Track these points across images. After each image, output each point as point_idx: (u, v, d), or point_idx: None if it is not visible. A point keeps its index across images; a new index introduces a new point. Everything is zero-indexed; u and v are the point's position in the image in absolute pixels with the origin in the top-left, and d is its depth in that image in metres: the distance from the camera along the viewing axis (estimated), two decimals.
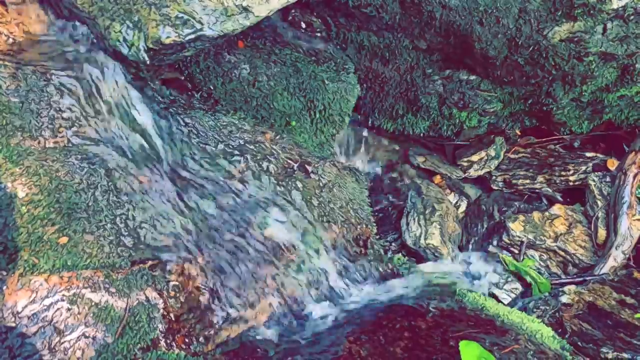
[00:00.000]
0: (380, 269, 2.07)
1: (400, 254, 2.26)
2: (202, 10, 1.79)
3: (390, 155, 2.73)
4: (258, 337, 1.74)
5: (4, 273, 1.51)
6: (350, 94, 2.38)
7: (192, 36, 1.80)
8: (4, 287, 1.49)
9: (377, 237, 2.22)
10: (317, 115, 2.31)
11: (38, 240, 1.58)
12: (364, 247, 2.10)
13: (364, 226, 2.14)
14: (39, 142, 1.72)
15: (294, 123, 2.27)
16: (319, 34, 2.49)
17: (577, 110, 2.42)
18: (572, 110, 2.42)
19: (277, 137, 2.16)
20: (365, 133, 2.71)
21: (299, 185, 2.05)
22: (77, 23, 1.91)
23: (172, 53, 1.83)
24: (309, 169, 2.12)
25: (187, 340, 1.65)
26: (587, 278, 2.13)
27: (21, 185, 1.62)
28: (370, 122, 2.64)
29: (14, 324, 1.47)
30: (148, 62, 1.81)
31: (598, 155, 2.46)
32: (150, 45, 1.78)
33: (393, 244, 2.35)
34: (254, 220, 1.90)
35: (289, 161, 2.10)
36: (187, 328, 1.66)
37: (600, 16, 2.10)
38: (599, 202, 2.27)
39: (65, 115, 1.79)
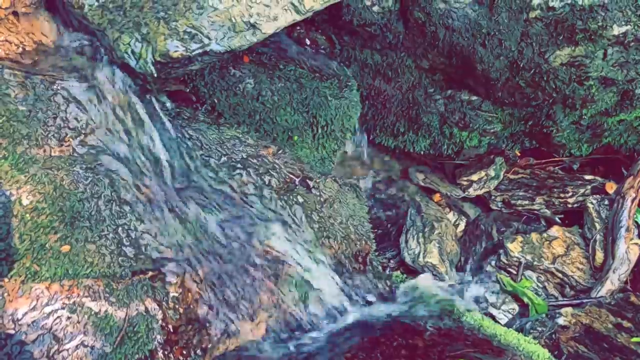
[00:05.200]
0: (379, 286, 2.08)
1: (398, 272, 2.27)
2: (210, 26, 1.82)
3: (391, 172, 2.75)
4: (255, 352, 1.75)
5: (6, 280, 1.52)
6: (353, 111, 2.40)
7: (200, 51, 1.82)
8: (5, 294, 1.50)
9: (376, 253, 2.22)
10: (320, 131, 2.33)
11: (40, 248, 1.59)
12: (363, 264, 2.11)
13: (364, 242, 2.14)
14: (44, 151, 1.73)
15: (296, 138, 2.29)
16: (323, 51, 2.52)
17: (577, 133, 2.44)
18: (572, 133, 2.44)
19: (280, 152, 2.18)
20: (366, 149, 2.73)
21: (300, 200, 2.07)
22: (87, 34, 1.93)
23: (179, 67, 1.86)
24: (310, 184, 2.13)
25: (184, 352, 1.65)
26: (584, 300, 2.14)
27: (26, 192, 1.63)
28: (371, 138, 2.66)
29: (13, 331, 1.47)
30: (155, 75, 1.83)
31: (597, 178, 2.48)
32: (158, 59, 1.80)
33: (392, 261, 2.36)
34: (255, 233, 1.91)
35: (290, 176, 2.12)
36: (185, 340, 1.66)
37: (601, 42, 2.14)
38: (597, 225, 2.29)
39: (71, 124, 1.80)
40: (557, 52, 2.18)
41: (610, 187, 2.38)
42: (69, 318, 1.53)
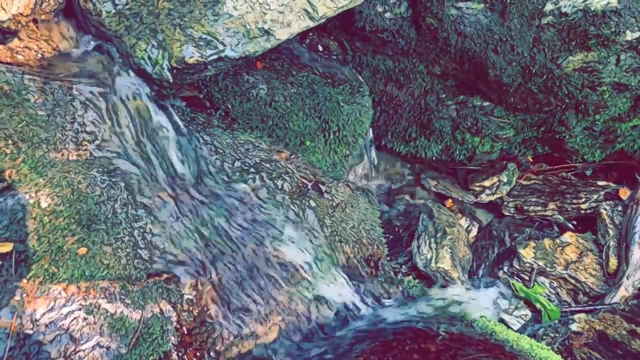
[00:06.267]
0: (391, 290, 2.08)
1: (410, 277, 2.27)
2: (225, 32, 1.85)
3: (403, 177, 2.75)
4: (268, 354, 1.76)
5: (25, 281, 1.54)
6: (365, 116, 2.41)
7: (215, 57, 1.84)
8: (24, 295, 1.53)
9: (388, 258, 2.23)
10: (332, 136, 2.34)
11: (58, 250, 1.62)
12: (375, 268, 2.11)
13: (375, 247, 2.15)
14: (62, 155, 1.76)
15: (308, 143, 2.30)
16: (335, 57, 2.54)
17: (590, 138, 2.43)
18: (585, 139, 2.44)
19: (292, 156, 2.19)
20: (378, 155, 2.74)
21: (313, 204, 2.08)
22: (104, 41, 1.97)
23: (194, 72, 1.88)
24: (323, 188, 2.15)
25: (198, 354, 1.67)
26: (598, 307, 2.13)
27: (44, 195, 1.67)
28: (383, 144, 2.67)
29: (31, 331, 1.50)
30: (171, 81, 1.86)
31: (610, 184, 2.47)
32: (174, 65, 1.83)
33: (403, 266, 2.36)
34: (268, 237, 1.93)
35: (303, 180, 2.13)
36: (199, 342, 1.68)
37: (614, 47, 2.14)
38: (610, 231, 2.28)
39: (88, 129, 1.84)
40: (570, 57, 2.18)
41: (624, 193, 2.37)
42: (85, 319, 1.55)
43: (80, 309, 1.55)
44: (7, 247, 1.57)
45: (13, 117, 1.74)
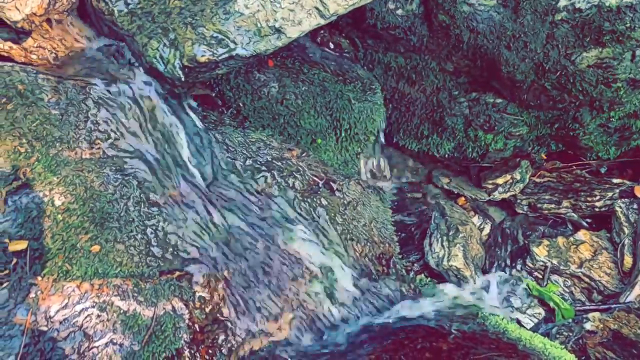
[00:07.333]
0: (402, 289, 2.08)
1: (422, 275, 2.26)
2: (236, 31, 1.85)
3: (415, 175, 2.74)
4: (280, 352, 1.76)
5: (39, 278, 1.56)
6: (376, 114, 2.41)
7: (226, 55, 1.85)
8: (39, 292, 1.55)
9: (400, 256, 2.22)
10: (343, 134, 2.34)
11: (72, 247, 1.63)
12: (386, 267, 2.11)
13: (387, 245, 2.15)
14: (76, 153, 1.78)
15: (319, 141, 2.30)
16: (346, 55, 2.53)
17: (605, 135, 2.41)
18: (600, 136, 2.41)
19: (304, 155, 2.20)
20: (389, 152, 2.73)
21: (324, 202, 2.08)
22: (116, 40, 1.98)
23: (206, 71, 1.89)
24: (334, 186, 2.15)
25: (210, 351, 1.68)
26: (612, 306, 2.11)
27: (58, 194, 1.68)
28: (395, 141, 2.67)
29: (46, 328, 1.51)
30: (183, 79, 1.87)
31: (625, 181, 2.44)
32: (186, 63, 1.84)
33: (415, 264, 2.35)
34: (279, 235, 1.94)
35: (314, 178, 2.13)
36: (211, 339, 1.69)
37: (629, 43, 2.11)
38: (625, 229, 2.25)
39: (101, 128, 1.85)
40: (584, 54, 2.16)
41: (639, 191, 2.34)
42: (98, 316, 1.57)
43: (93, 306, 1.57)
44: (21, 245, 1.59)
45: (27, 116, 1.76)
